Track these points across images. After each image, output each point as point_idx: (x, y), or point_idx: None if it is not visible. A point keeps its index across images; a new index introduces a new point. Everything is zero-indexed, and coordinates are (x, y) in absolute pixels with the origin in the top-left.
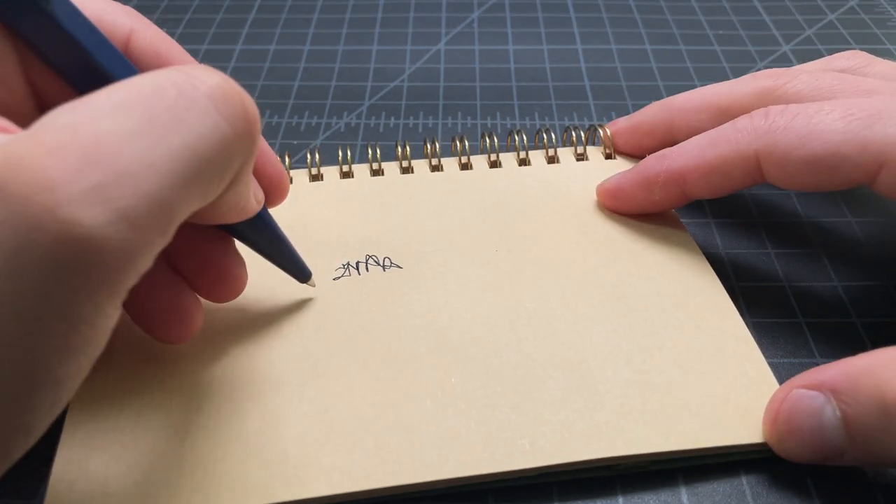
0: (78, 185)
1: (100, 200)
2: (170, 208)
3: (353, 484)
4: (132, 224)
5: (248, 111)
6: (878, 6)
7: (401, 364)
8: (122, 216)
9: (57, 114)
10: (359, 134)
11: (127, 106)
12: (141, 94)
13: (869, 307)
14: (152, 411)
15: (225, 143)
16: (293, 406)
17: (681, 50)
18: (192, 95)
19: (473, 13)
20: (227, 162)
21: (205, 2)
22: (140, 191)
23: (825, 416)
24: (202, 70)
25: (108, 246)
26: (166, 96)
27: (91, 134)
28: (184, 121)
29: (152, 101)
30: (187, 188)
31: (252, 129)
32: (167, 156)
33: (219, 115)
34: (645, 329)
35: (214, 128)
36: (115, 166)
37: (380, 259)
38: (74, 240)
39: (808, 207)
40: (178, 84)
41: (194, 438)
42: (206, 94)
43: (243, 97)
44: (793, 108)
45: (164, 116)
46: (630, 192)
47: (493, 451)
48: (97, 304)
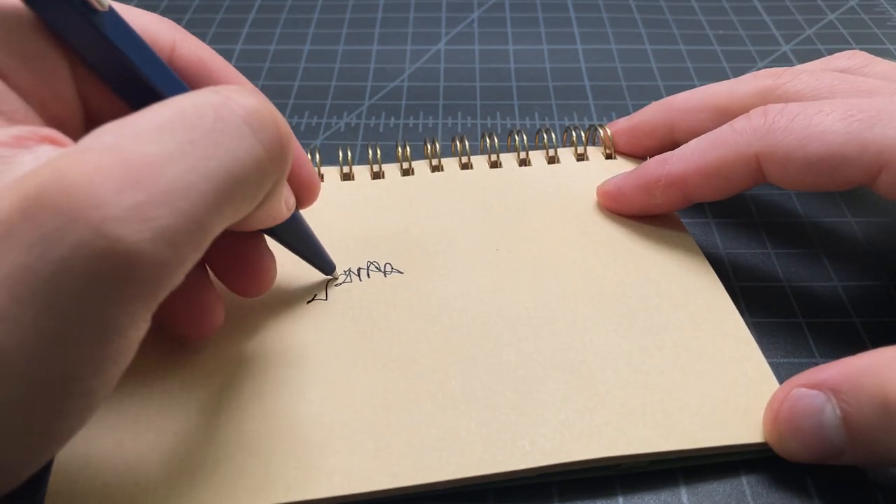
0: (121, 203)
1: (141, 219)
2: (204, 227)
3: (353, 486)
4: (170, 242)
5: (282, 134)
6: (878, 6)
7: (401, 366)
8: (161, 234)
9: (103, 132)
10: (359, 134)
11: (168, 128)
12: (181, 117)
13: (869, 307)
14: (152, 412)
15: (259, 165)
16: (294, 408)
17: (681, 50)
18: (229, 119)
19: (473, 13)
20: (260, 182)
21: (205, 2)
22: (178, 211)
23: (825, 415)
24: (239, 92)
25: (147, 262)
26: (205, 119)
27: (134, 154)
28: (221, 144)
29: (192, 123)
30: (221, 208)
31: (285, 152)
32: (204, 178)
33: (254, 139)
34: (645, 329)
35: (250, 151)
36: (156, 187)
37: (381, 265)
38: (116, 255)
39: (808, 207)
40: (216, 106)
41: (195, 439)
42: (243, 118)
43: (277, 119)
44: (792, 107)
45: (203, 140)
46: (630, 196)
47: (493, 451)
48: (131, 317)
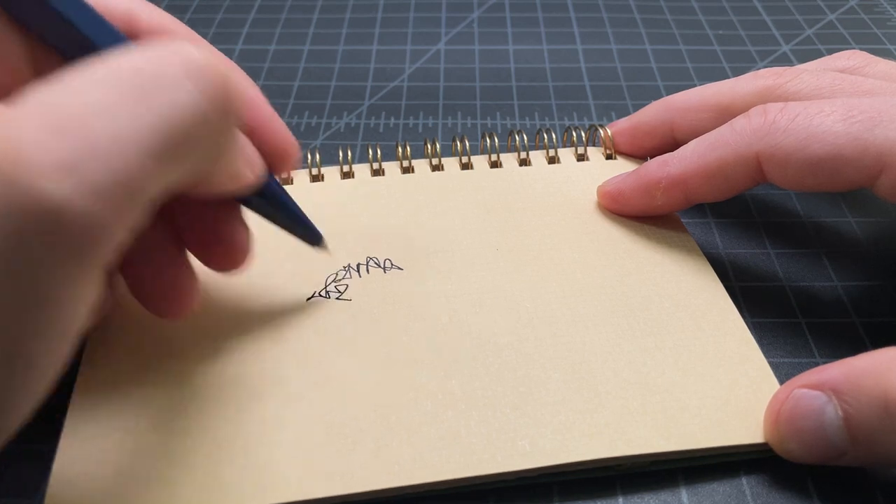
0: (46, 157)
1: (68, 173)
2: (141, 183)
3: (353, 485)
4: (101, 197)
5: (228, 83)
6: (878, 6)
7: (401, 365)
8: (91, 189)
9: (35, 88)
10: (359, 134)
11: (102, 81)
12: (118, 70)
13: (869, 307)
14: (152, 412)
15: (201, 116)
16: (293, 407)
17: (681, 50)
18: (167, 69)
19: (473, 13)
20: (205, 136)
21: (205, 2)
22: (109, 164)
23: (827, 416)
24: (180, 44)
25: (77, 219)
26: (142, 71)
27: (62, 107)
28: (157, 95)
29: (127, 76)
30: (160, 163)
31: (231, 102)
32: (137, 130)
33: (194, 89)
34: (645, 329)
35: (189, 101)
36: (85, 140)
37: (380, 261)
38: (42, 211)
39: (808, 207)
40: (153, 59)
41: (194, 439)
42: (183, 68)
43: (221, 70)
44: (792, 106)
45: (137, 91)
46: (631, 197)
47: (493, 451)
48: (68, 278)
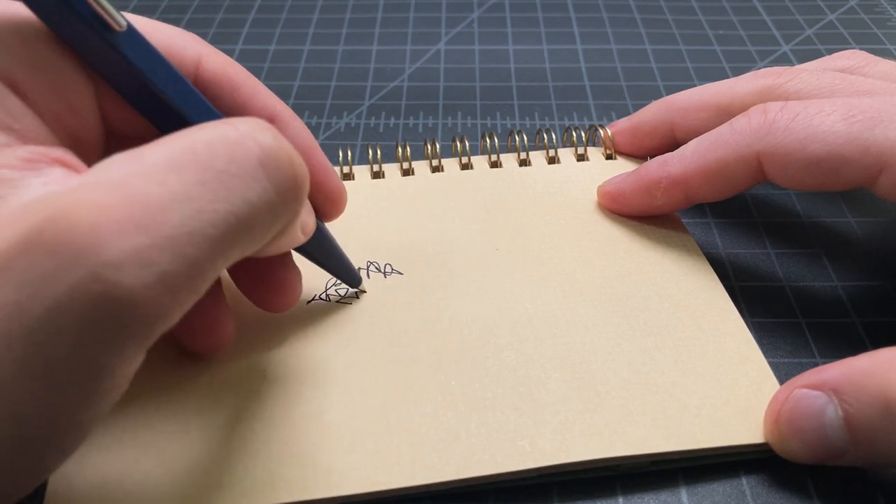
0: (122, 247)
1: (141, 264)
2: (206, 271)
3: (353, 486)
4: (168, 287)
5: (297, 174)
6: (878, 6)
7: (401, 366)
8: (160, 280)
9: (110, 164)
10: (359, 134)
11: (177, 167)
12: (193, 155)
13: (869, 307)
14: (152, 411)
15: (270, 208)
16: (293, 408)
17: (681, 50)
18: (242, 160)
19: (473, 13)
20: (270, 225)
21: (205, 2)
22: (180, 256)
23: (827, 416)
24: (257, 128)
25: (143, 307)
26: (218, 159)
27: (139, 195)
28: (232, 188)
29: (204, 163)
30: (226, 252)
31: (299, 193)
32: (211, 223)
33: (267, 182)
34: (645, 329)
35: (261, 194)
36: (160, 231)
37: (381, 265)
38: (112, 300)
39: (808, 207)
40: (230, 145)
41: (193, 439)
42: (258, 158)
43: (293, 159)
44: (792, 106)
45: (214, 182)
46: (632, 197)
47: (493, 452)
48: (125, 357)
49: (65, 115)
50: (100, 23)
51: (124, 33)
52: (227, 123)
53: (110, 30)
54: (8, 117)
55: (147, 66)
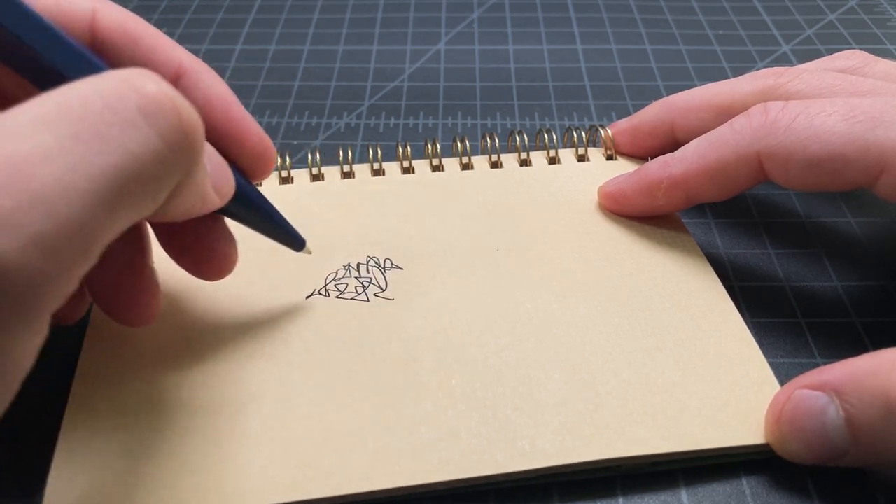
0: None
1: (7, 227)
2: (90, 231)
3: (352, 486)
4: (46, 250)
5: (185, 121)
6: (878, 6)
7: (401, 365)
8: (34, 243)
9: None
10: (359, 134)
11: (47, 122)
12: (65, 108)
13: (869, 307)
14: (151, 411)
15: (157, 158)
16: (292, 407)
17: (681, 50)
18: (120, 108)
19: (473, 13)
20: (160, 177)
21: (205, 2)
22: (55, 215)
23: (828, 416)
24: (135, 75)
25: (20, 274)
26: (92, 110)
27: (4, 155)
28: (109, 137)
29: (76, 115)
30: (112, 209)
31: (190, 142)
32: (87, 176)
33: (150, 129)
34: (646, 330)
35: (144, 143)
36: (28, 190)
37: (380, 260)
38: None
39: (808, 207)
40: (106, 95)
41: (193, 439)
42: (138, 106)
43: (179, 106)
44: (793, 105)
45: (87, 133)
46: (632, 198)
47: (493, 452)
48: (12, 333)
49: None
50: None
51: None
52: (104, 76)
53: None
54: None
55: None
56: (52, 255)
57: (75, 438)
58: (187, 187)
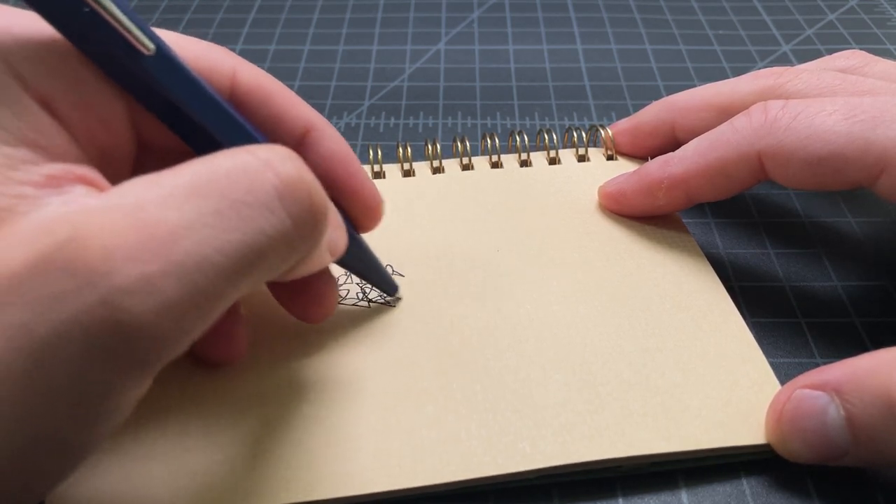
0: (131, 272)
1: (150, 290)
2: (216, 301)
3: (353, 487)
4: (175, 315)
5: (316, 206)
6: (878, 6)
7: (402, 368)
8: (167, 307)
9: (129, 187)
10: (359, 134)
11: (195, 194)
12: (211, 183)
13: (869, 307)
14: (154, 414)
15: (286, 240)
16: (294, 409)
17: (681, 50)
18: (260, 190)
19: (473, 13)
20: (286, 255)
21: (205, 2)
22: (189, 284)
23: (829, 416)
24: (278, 156)
25: (149, 333)
26: (237, 188)
27: (153, 221)
28: (247, 217)
29: (222, 191)
30: (237, 281)
31: (317, 224)
32: (223, 252)
33: (284, 213)
34: (646, 330)
35: (277, 226)
36: (170, 258)
37: None
38: (117, 325)
39: (808, 207)
40: (250, 174)
41: (195, 441)
42: (276, 188)
43: (312, 190)
44: (793, 105)
45: (229, 211)
46: (633, 198)
47: (494, 453)
48: (129, 382)
49: (96, 131)
50: (127, 47)
51: (154, 56)
52: (249, 152)
53: (139, 53)
54: (36, 134)
55: (178, 87)
56: (179, 319)
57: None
58: (309, 259)
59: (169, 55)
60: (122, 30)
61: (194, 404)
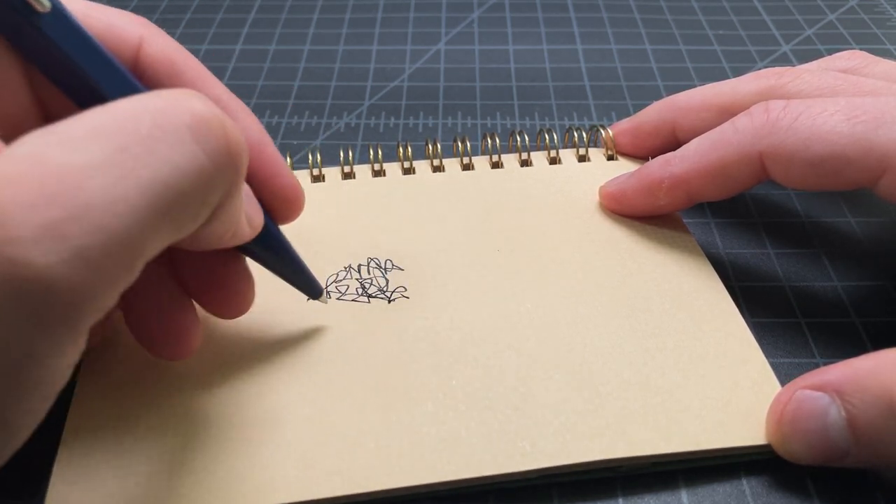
0: (31, 221)
1: (54, 238)
2: (134, 246)
3: (353, 486)
4: (89, 263)
5: (231, 141)
6: (878, 6)
7: (402, 366)
8: (78, 255)
9: (27, 138)
10: (359, 134)
11: (97, 135)
12: (115, 122)
13: (869, 307)
14: (153, 412)
15: (202, 175)
16: (294, 407)
17: (681, 50)
18: (168, 125)
19: (473, 13)
20: (204, 195)
21: (205, 2)
22: (100, 228)
23: (830, 416)
24: (185, 95)
25: (62, 286)
26: (141, 125)
27: (54, 165)
28: (156, 152)
29: (126, 129)
30: (156, 224)
31: (234, 161)
32: (134, 190)
33: (197, 146)
34: (647, 330)
35: (191, 160)
36: (75, 202)
37: (381, 261)
38: (23, 280)
39: (808, 207)
40: (155, 112)
41: (195, 440)
42: (185, 123)
43: (226, 126)
44: (795, 105)
45: (136, 148)
46: (634, 198)
47: (494, 453)
48: (53, 344)
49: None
50: (23, 4)
51: (49, 14)
52: (155, 93)
53: (34, 10)
54: None
55: (73, 47)
56: (97, 268)
57: (77, 439)
58: (226, 212)
59: (64, 13)
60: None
61: (192, 404)
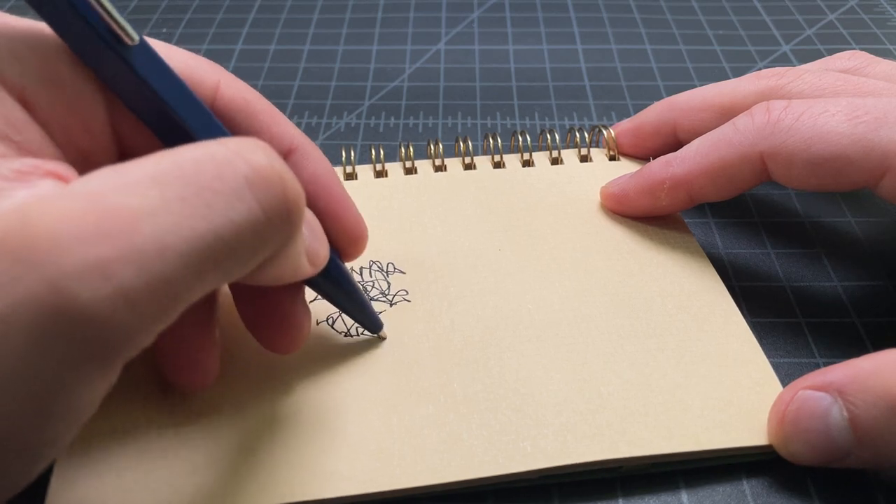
0: (82, 256)
1: (101, 276)
2: (178, 291)
3: (355, 487)
4: (131, 304)
5: (289, 196)
6: (878, 6)
7: (403, 367)
8: (122, 294)
9: (93, 176)
10: (359, 134)
11: (158, 181)
12: (178, 170)
13: (869, 307)
14: (154, 413)
15: (256, 229)
16: (295, 408)
17: (681, 50)
18: (229, 177)
19: (473, 13)
20: (256, 248)
21: (205, 2)
22: (147, 271)
23: (832, 417)
24: (249, 146)
25: (102, 322)
26: (203, 175)
27: (111, 206)
28: (213, 205)
29: (188, 178)
30: (203, 272)
31: (290, 216)
32: (186, 240)
33: (254, 201)
34: (647, 331)
35: (246, 214)
36: (126, 243)
37: (383, 265)
38: (66, 311)
39: (808, 207)
40: (218, 162)
41: (196, 440)
42: (245, 176)
43: (285, 180)
44: (796, 105)
45: (195, 198)
46: (635, 198)
47: (494, 453)
48: (84, 376)
49: (74, 131)
50: (112, 36)
51: (136, 47)
52: (218, 143)
53: (122, 43)
54: (10, 129)
55: (157, 81)
56: (138, 309)
57: (78, 439)
58: (282, 258)
59: (150, 48)
60: (108, 19)
61: (193, 404)
